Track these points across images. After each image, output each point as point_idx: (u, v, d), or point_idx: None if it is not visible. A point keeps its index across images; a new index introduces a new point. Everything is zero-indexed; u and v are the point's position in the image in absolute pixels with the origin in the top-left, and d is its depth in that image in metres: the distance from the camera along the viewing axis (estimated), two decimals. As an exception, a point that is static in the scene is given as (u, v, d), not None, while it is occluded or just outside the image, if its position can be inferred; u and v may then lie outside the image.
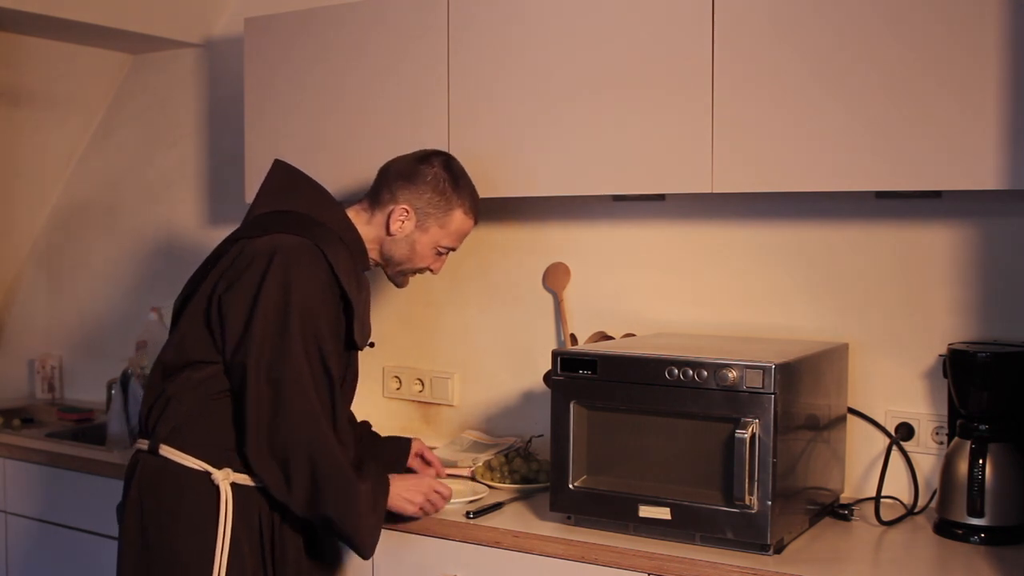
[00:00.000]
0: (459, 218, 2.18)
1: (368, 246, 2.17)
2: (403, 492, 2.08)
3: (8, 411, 3.45)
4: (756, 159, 2.11)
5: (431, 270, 2.24)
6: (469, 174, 2.26)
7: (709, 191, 2.17)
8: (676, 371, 1.99)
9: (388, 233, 2.17)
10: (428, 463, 2.43)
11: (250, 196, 2.85)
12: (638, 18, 2.24)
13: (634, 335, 2.55)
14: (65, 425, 3.27)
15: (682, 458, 2.01)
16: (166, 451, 2.01)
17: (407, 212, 2.14)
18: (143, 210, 3.56)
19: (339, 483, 1.94)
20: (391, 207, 2.16)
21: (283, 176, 2.16)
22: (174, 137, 3.47)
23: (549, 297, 2.73)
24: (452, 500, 2.19)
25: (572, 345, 2.65)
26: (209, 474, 1.98)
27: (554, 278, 2.72)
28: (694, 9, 2.16)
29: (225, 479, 1.98)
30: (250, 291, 1.95)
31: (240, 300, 1.96)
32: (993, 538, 2.00)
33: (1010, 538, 2.01)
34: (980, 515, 2.01)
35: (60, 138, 3.64)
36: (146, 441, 2.05)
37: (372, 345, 2.22)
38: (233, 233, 2.11)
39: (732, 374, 1.93)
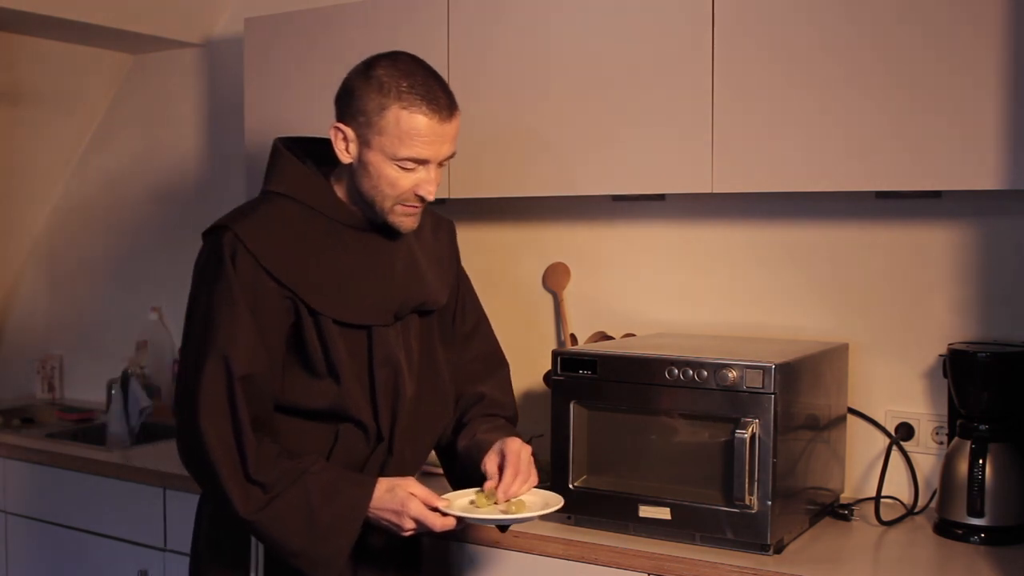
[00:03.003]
0: (396, 116, 1.69)
1: (354, 196, 1.79)
2: (384, 504, 1.69)
3: (8, 411, 3.45)
4: (756, 159, 2.11)
5: (420, 196, 1.75)
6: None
7: (709, 191, 2.17)
8: (676, 371, 1.99)
9: (346, 165, 1.78)
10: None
11: (250, 195, 2.85)
12: (639, 19, 2.23)
13: (634, 335, 2.55)
14: (65, 425, 3.26)
15: (682, 458, 2.01)
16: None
17: (338, 131, 1.75)
18: (143, 210, 3.56)
19: (221, 499, 1.67)
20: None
21: (270, 157, 1.90)
22: (174, 137, 3.47)
23: (549, 297, 2.73)
24: (523, 515, 1.72)
25: (572, 345, 2.65)
26: None
27: (554, 278, 2.71)
28: (694, 9, 2.16)
29: None
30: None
31: None
32: (993, 538, 2.00)
33: (1010, 538, 2.01)
34: (980, 515, 2.01)
35: (60, 138, 3.64)
36: None
37: (424, 313, 1.88)
38: None
39: (732, 374, 1.93)
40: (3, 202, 3.60)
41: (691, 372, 1.98)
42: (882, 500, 2.16)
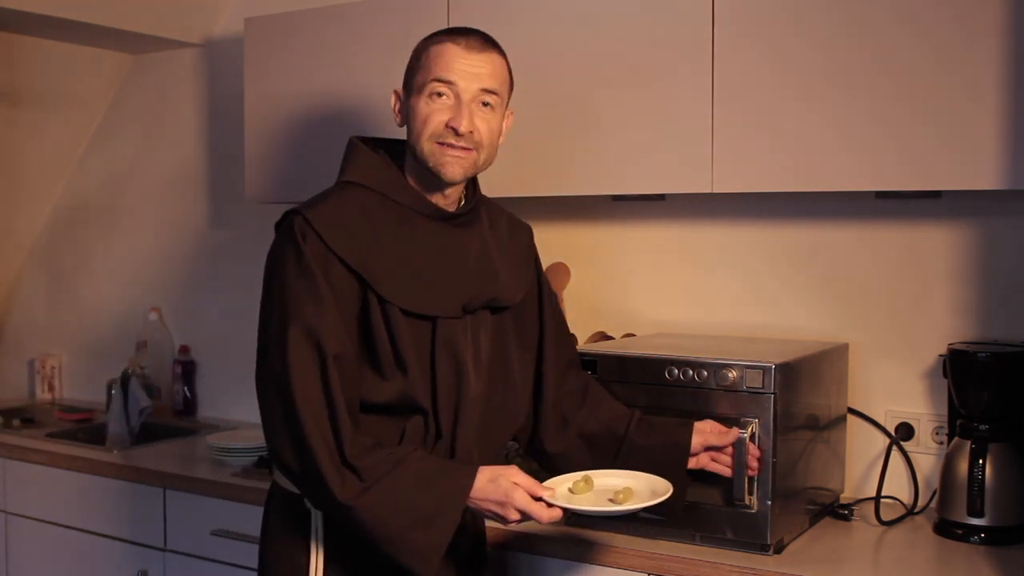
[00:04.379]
0: (427, 52, 1.77)
1: (420, 170, 1.78)
2: (487, 495, 1.63)
3: (8, 411, 3.45)
4: (756, 159, 2.11)
5: (451, 127, 1.72)
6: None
7: (709, 191, 2.17)
8: (676, 371, 1.99)
9: (403, 127, 1.81)
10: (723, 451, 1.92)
11: (250, 195, 2.85)
12: (639, 19, 2.24)
13: (634, 335, 2.55)
14: (65, 425, 3.26)
15: (682, 458, 2.01)
16: (276, 474, 1.85)
17: (396, 95, 1.82)
18: (143, 210, 3.56)
19: (316, 483, 1.63)
20: None
21: (345, 152, 1.87)
22: (174, 137, 3.47)
23: (549, 297, 2.73)
24: (627, 506, 1.65)
25: (572, 345, 2.64)
26: (304, 499, 1.75)
27: (554, 278, 2.71)
28: (694, 10, 2.16)
29: None
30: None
31: None
32: (993, 538, 2.00)
33: (1010, 538, 2.01)
34: (980, 515, 2.01)
35: (60, 138, 3.64)
36: None
37: (496, 310, 1.84)
38: None
39: (732, 374, 1.93)
40: (3, 202, 3.60)
41: (691, 372, 1.98)
42: (882, 500, 2.16)
